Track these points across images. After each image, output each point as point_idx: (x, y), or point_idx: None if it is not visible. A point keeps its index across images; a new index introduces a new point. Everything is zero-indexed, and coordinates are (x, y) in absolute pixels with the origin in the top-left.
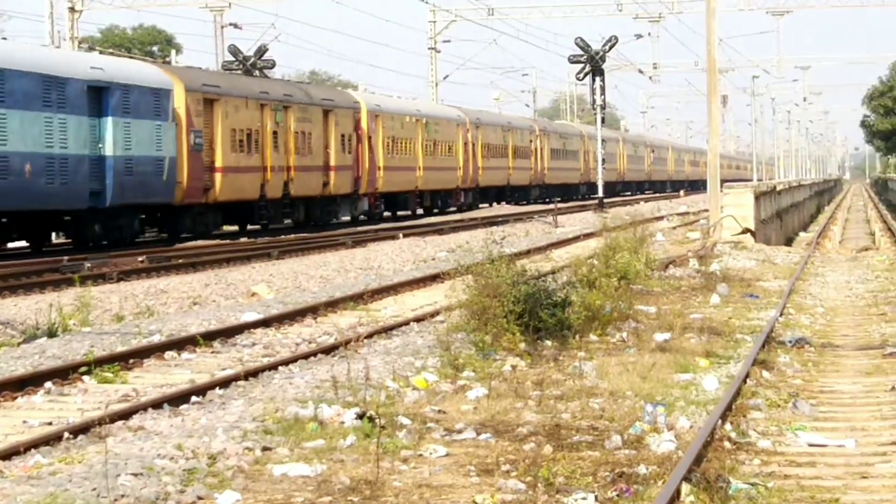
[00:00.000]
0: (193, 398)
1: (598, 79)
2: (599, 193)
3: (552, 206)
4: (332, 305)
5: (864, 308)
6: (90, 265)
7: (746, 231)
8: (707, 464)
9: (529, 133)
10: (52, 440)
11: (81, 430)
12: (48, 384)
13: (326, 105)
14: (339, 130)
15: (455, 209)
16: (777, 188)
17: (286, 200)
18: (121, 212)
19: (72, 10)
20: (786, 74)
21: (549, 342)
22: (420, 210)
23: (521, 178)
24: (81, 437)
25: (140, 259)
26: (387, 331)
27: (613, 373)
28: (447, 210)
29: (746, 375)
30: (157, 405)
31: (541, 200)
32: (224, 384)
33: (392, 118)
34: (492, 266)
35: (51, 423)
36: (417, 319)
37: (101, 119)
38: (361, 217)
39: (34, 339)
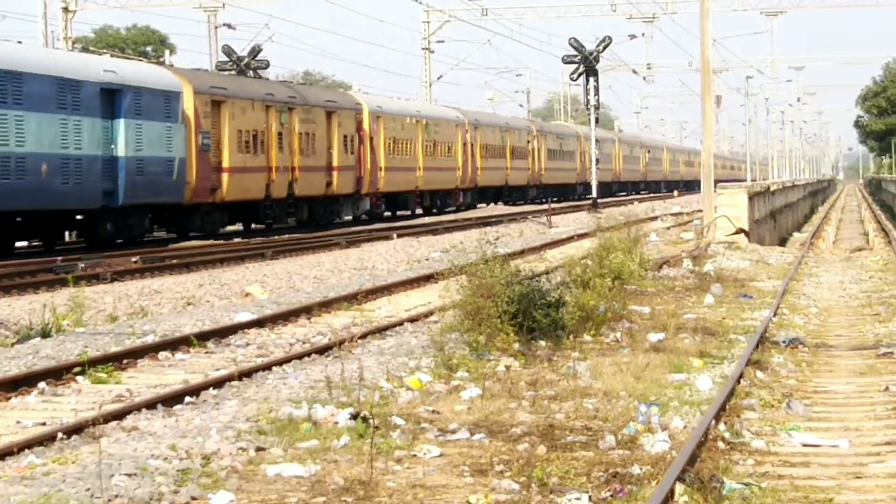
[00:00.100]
0: (187, 398)
1: (592, 79)
2: (593, 193)
3: (546, 207)
4: (326, 306)
5: (858, 308)
6: (84, 265)
7: (740, 231)
8: (701, 464)
9: (527, 134)
10: (46, 440)
11: (75, 431)
12: (42, 384)
13: (329, 106)
14: (342, 131)
15: (454, 209)
16: (771, 188)
17: (290, 200)
18: (132, 211)
19: (65, 11)
20: (780, 75)
21: (543, 342)
22: (419, 210)
23: (519, 179)
24: (75, 438)
25: (134, 259)
26: (381, 331)
27: (607, 373)
28: (446, 210)
29: (740, 375)
30: (151, 405)
31: (538, 200)
32: (218, 384)
33: (393, 119)
34: (486, 266)
35: (44, 424)
36: (411, 320)
37: (114, 121)
38: (363, 217)
39: (28, 340)
